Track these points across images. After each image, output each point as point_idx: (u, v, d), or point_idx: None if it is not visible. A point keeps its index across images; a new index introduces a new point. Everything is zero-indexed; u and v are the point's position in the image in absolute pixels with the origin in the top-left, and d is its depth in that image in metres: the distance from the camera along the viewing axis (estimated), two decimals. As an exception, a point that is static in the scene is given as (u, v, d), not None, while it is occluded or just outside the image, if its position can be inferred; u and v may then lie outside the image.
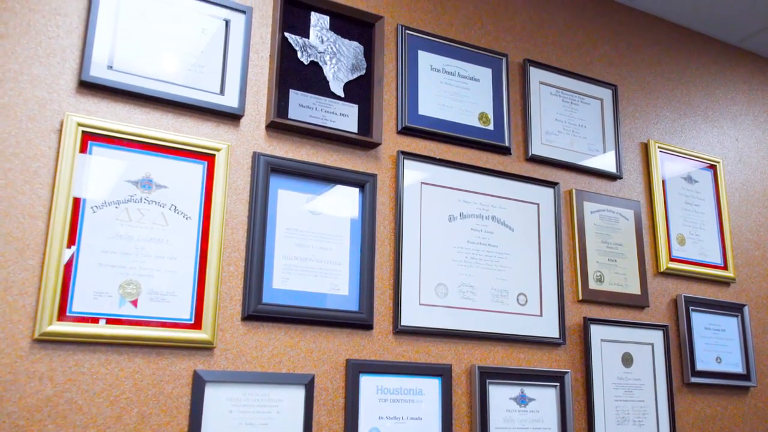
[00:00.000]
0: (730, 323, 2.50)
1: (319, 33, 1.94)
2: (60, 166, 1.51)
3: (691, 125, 2.71)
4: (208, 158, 1.69)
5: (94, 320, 1.49)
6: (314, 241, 1.80)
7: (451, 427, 1.84)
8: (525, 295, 2.08)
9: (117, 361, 1.50)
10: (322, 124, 1.86)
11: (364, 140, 1.90)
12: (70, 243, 1.49)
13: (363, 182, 1.88)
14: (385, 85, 2.01)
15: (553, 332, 2.09)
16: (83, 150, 1.55)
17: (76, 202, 1.52)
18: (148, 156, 1.62)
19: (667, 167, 2.55)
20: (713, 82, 2.84)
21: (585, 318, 2.15)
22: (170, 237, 1.61)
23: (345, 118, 1.91)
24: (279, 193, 1.78)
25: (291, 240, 1.77)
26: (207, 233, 1.65)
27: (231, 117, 1.76)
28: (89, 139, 1.56)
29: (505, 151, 2.18)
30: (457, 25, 2.22)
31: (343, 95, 1.93)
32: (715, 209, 2.63)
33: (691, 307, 2.40)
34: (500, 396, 1.95)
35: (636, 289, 2.31)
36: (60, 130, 1.54)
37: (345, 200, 1.87)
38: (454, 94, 2.13)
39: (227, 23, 1.80)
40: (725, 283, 2.56)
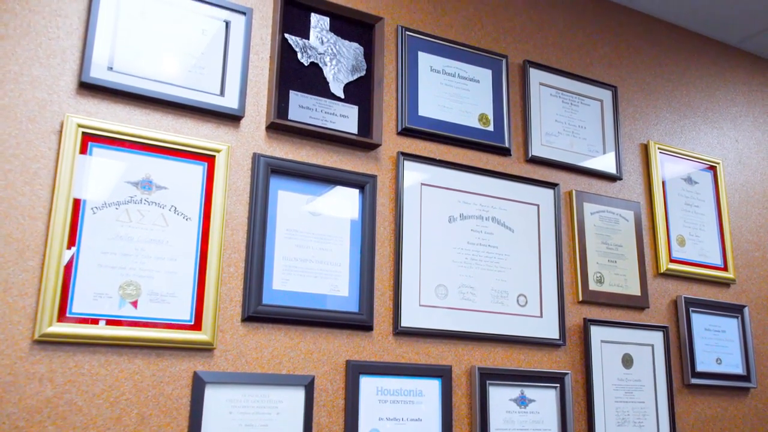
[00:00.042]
0: (730, 324, 2.50)
1: (319, 34, 1.94)
2: (60, 167, 1.51)
3: (691, 126, 2.71)
4: (208, 159, 1.69)
5: (94, 321, 1.49)
6: (314, 242, 1.80)
7: (451, 428, 1.84)
8: (525, 296, 2.08)
9: (117, 362, 1.50)
10: (322, 125, 1.86)
11: (364, 141, 1.90)
12: (70, 244, 1.49)
13: (363, 183, 1.88)
14: (385, 87, 2.01)
15: (553, 333, 2.09)
16: (83, 151, 1.55)
17: (76, 203, 1.52)
18: (148, 157, 1.62)
19: (667, 168, 2.55)
20: (713, 83, 2.84)
21: (585, 319, 2.15)
22: (170, 238, 1.61)
23: (345, 119, 1.91)
24: (279, 194, 1.78)
25: (291, 241, 1.77)
26: (207, 234, 1.65)
27: (231, 118, 1.76)
28: (89, 140, 1.56)
29: (505, 152, 2.18)
30: (457, 26, 2.23)
31: (343, 96, 1.93)
32: (715, 210, 2.63)
33: (691, 308, 2.40)
34: (500, 397, 1.94)
35: (636, 290, 2.31)
36: (60, 131, 1.54)
37: (345, 201, 1.87)
38: (454, 95, 2.13)
39: (227, 24, 1.80)
40: (725, 284, 2.56)
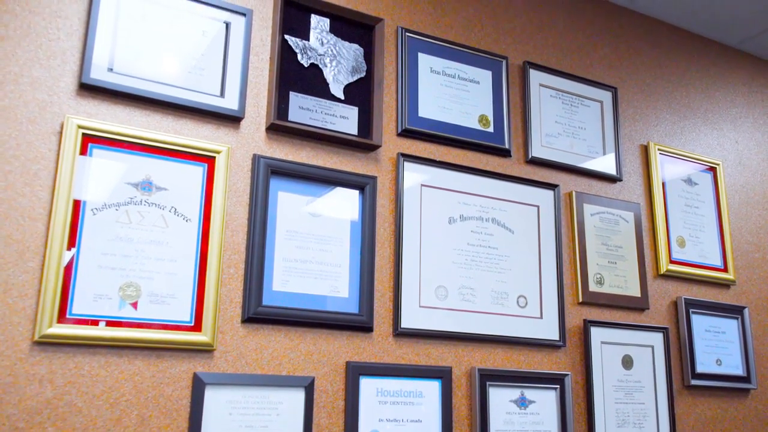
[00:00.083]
0: (730, 325, 2.50)
1: (319, 35, 1.95)
2: (60, 169, 1.51)
3: (691, 127, 2.71)
4: (208, 160, 1.69)
5: (94, 322, 1.49)
6: (314, 243, 1.80)
7: (451, 430, 1.84)
8: (525, 298, 2.08)
9: (117, 364, 1.50)
10: (322, 127, 1.86)
11: (364, 142, 1.90)
12: (70, 245, 1.49)
13: (363, 184, 1.88)
14: (385, 88, 2.01)
15: (553, 334, 2.09)
16: (83, 152, 1.55)
17: (76, 204, 1.52)
18: (148, 158, 1.62)
19: (667, 169, 2.55)
20: (713, 84, 2.84)
21: (585, 320, 2.15)
22: (170, 239, 1.61)
23: (345, 120, 1.91)
24: (279, 196, 1.78)
25: (291, 242, 1.77)
26: (207, 235, 1.65)
27: (231, 119, 1.76)
28: (89, 141, 1.56)
29: (505, 153, 2.18)
30: (457, 27, 2.23)
31: (343, 97, 1.93)
32: (715, 211, 2.63)
33: (691, 310, 2.40)
34: (500, 398, 1.94)
35: (636, 292, 2.31)
36: (60, 133, 1.54)
37: (345, 202, 1.87)
38: (454, 96, 2.13)
39: (227, 26, 1.80)
40: (725, 285, 2.56)
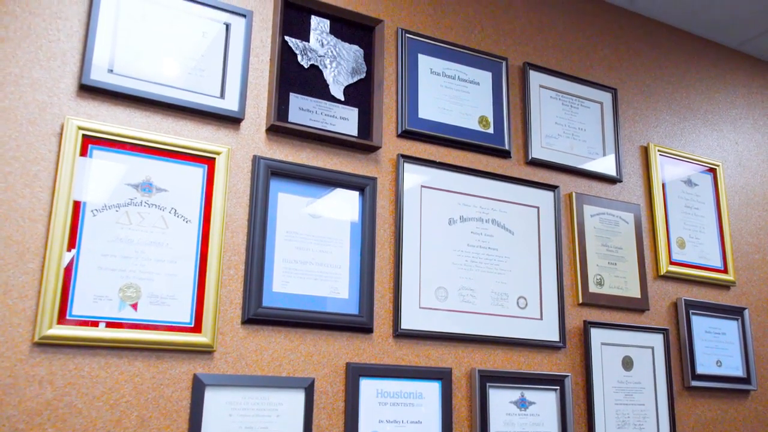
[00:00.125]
0: (731, 326, 2.50)
1: (319, 37, 1.95)
2: (60, 170, 1.51)
3: (691, 128, 2.71)
4: (208, 161, 1.69)
5: (94, 324, 1.49)
6: (314, 244, 1.80)
7: (452, 431, 1.84)
8: (525, 299, 2.08)
9: (117, 365, 1.50)
10: (322, 128, 1.86)
11: (364, 143, 1.90)
12: (70, 246, 1.49)
13: (363, 185, 1.88)
14: (385, 89, 2.01)
15: (554, 336, 2.09)
16: (83, 153, 1.55)
17: (77, 205, 1.52)
18: (148, 159, 1.62)
19: (667, 170, 2.55)
20: (713, 85, 2.84)
21: (585, 321, 2.15)
22: (170, 240, 1.61)
23: (345, 121, 1.91)
24: (279, 197, 1.78)
25: (291, 243, 1.77)
26: (207, 236, 1.65)
27: (231, 120, 1.76)
28: (89, 142, 1.56)
29: (505, 154, 2.18)
30: (457, 28, 2.23)
31: (343, 99, 1.93)
32: (715, 212, 2.63)
33: (692, 311, 2.40)
34: (500, 399, 1.94)
35: (636, 293, 2.31)
36: (60, 134, 1.54)
37: (345, 203, 1.87)
38: (454, 97, 2.13)
39: (227, 27, 1.80)
40: (725, 286, 2.56)
